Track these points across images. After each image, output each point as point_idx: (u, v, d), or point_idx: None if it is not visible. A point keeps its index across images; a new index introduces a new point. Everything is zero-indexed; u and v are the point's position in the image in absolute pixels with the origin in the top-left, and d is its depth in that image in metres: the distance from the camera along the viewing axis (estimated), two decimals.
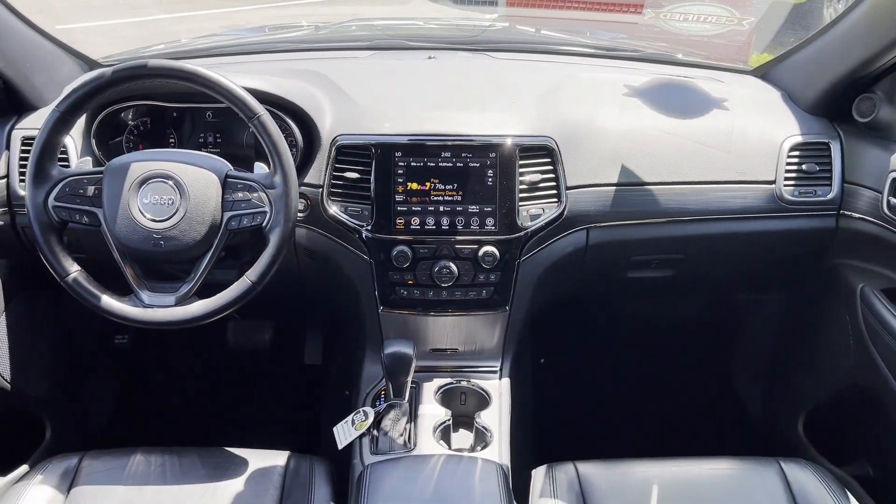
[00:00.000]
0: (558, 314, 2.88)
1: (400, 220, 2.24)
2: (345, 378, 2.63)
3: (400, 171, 2.22)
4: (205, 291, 1.90)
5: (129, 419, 3.06)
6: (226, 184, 2.12)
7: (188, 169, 1.90)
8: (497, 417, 2.19)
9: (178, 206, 1.89)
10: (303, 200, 2.26)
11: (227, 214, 2.06)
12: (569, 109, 2.28)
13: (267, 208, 2.03)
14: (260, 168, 2.27)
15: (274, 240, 2.04)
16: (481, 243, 2.25)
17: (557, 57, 2.69)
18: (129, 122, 2.26)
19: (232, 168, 2.21)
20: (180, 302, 1.89)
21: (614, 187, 2.24)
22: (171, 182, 1.89)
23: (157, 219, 1.88)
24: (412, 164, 2.21)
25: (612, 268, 2.45)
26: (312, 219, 2.28)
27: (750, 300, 2.88)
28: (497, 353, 2.43)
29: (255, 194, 2.16)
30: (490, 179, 2.22)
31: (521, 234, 2.28)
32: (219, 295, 1.91)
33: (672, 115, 2.26)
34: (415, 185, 2.23)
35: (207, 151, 2.06)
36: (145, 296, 1.88)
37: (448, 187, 2.23)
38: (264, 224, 2.13)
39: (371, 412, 2.33)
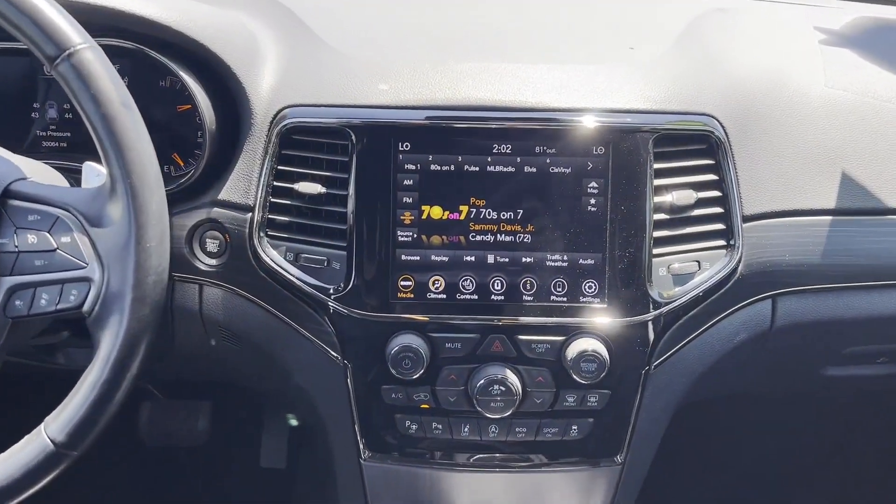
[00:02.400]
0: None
1: (406, 283, 1.23)
2: (318, 490, 1.86)
3: (407, 182, 1.21)
4: None
5: None
6: (6, 212, 0.91)
7: None
8: None
9: None
10: (216, 238, 1.25)
11: (6, 284, 0.97)
12: (737, 65, 1.33)
13: (87, 270, 0.99)
14: (92, 174, 1.02)
15: (104, 347, 0.99)
16: (573, 333, 1.23)
17: None
18: None
19: (26, 175, 0.97)
20: None
21: (829, 217, 1.30)
22: None
23: None
24: (432, 166, 1.21)
25: (803, 362, 1.52)
26: (233, 270, 1.28)
27: None
28: None
29: (63, 238, 0.91)
30: (593, 201, 1.22)
31: (657, 314, 1.24)
32: None
33: None
34: (437, 211, 1.22)
35: (47, 139, 1.29)
36: None
37: (505, 216, 1.22)
38: (85, 308, 0.98)
39: None
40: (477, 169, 1.19)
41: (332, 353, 1.25)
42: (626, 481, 1.34)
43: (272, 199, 1.24)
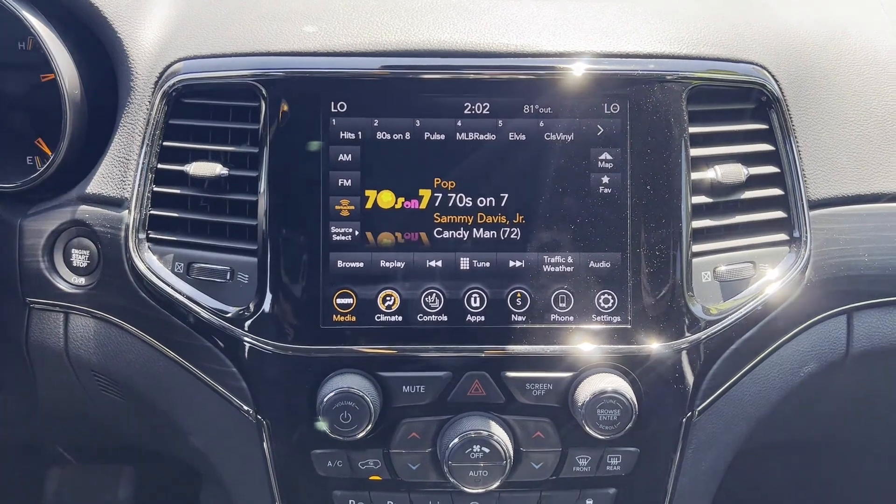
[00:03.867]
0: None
1: (345, 301, 0.87)
2: None
3: (344, 158, 0.88)
4: None
5: None
6: None
7: None
8: None
9: None
10: (84, 248, 0.92)
11: None
12: (788, 11, 1.03)
13: None
14: None
15: None
16: (584, 367, 0.88)
17: None
18: None
19: None
20: None
21: None
22: None
23: None
24: (379, 134, 0.88)
25: (878, 402, 1.16)
26: (106, 292, 0.94)
27: None
28: None
29: None
30: (607, 179, 0.87)
31: (702, 337, 0.88)
32: None
33: None
34: (388, 198, 0.87)
35: None
36: None
37: (483, 203, 0.88)
38: None
39: None
40: (442, 137, 0.86)
41: (241, 404, 0.88)
42: None
43: (155, 189, 0.90)
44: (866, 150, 0.98)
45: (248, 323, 0.86)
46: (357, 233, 0.86)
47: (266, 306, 0.85)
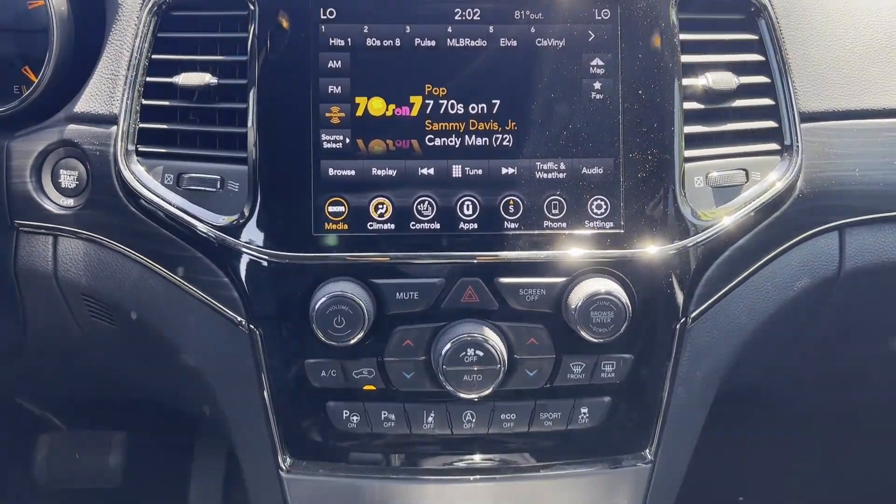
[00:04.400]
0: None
1: (337, 209, 0.87)
2: None
3: (334, 65, 0.87)
4: None
5: None
6: None
7: None
8: None
9: None
10: (73, 168, 0.93)
11: None
12: None
13: None
14: None
15: None
16: (578, 272, 0.88)
17: None
18: None
19: None
20: None
21: None
22: None
23: None
24: (369, 41, 0.87)
25: (872, 327, 1.16)
26: (96, 211, 0.93)
27: None
28: None
29: None
30: (599, 84, 0.88)
31: (695, 241, 0.89)
32: None
33: None
34: (378, 105, 0.87)
35: None
36: None
37: (475, 110, 0.87)
38: None
39: None
40: (433, 44, 0.86)
41: (234, 315, 0.87)
42: (658, 487, 0.95)
43: (144, 102, 0.89)
44: (856, 68, 0.99)
45: (239, 231, 0.85)
46: (348, 140, 0.85)
47: (257, 214, 0.85)
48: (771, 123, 0.92)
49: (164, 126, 0.88)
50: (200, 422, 1.99)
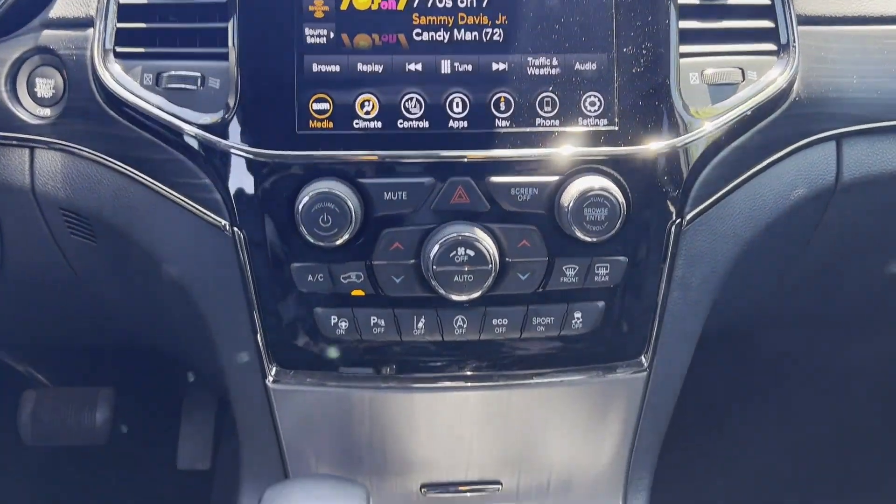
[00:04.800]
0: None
1: (321, 106, 0.83)
2: None
3: None
4: None
5: None
6: None
7: None
8: None
9: None
10: (49, 77, 0.89)
11: None
12: None
13: None
14: None
15: None
16: (571, 170, 0.84)
17: None
18: None
19: None
20: None
21: None
22: None
23: None
24: None
25: (867, 249, 1.14)
26: (73, 120, 0.89)
27: None
28: (614, 489, 1.00)
29: None
30: None
31: (690, 138, 0.86)
32: None
33: None
34: None
35: None
36: None
37: (464, 2, 0.83)
38: None
39: None
40: None
41: (216, 218, 0.85)
42: (654, 395, 0.93)
43: (121, 1, 0.85)
44: None
45: (220, 130, 0.82)
46: (332, 34, 0.82)
47: (240, 112, 0.82)
48: (768, 23, 0.90)
49: (143, 25, 0.85)
50: (187, 373, 1.97)
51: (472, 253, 0.82)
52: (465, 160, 0.83)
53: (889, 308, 1.43)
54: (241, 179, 0.83)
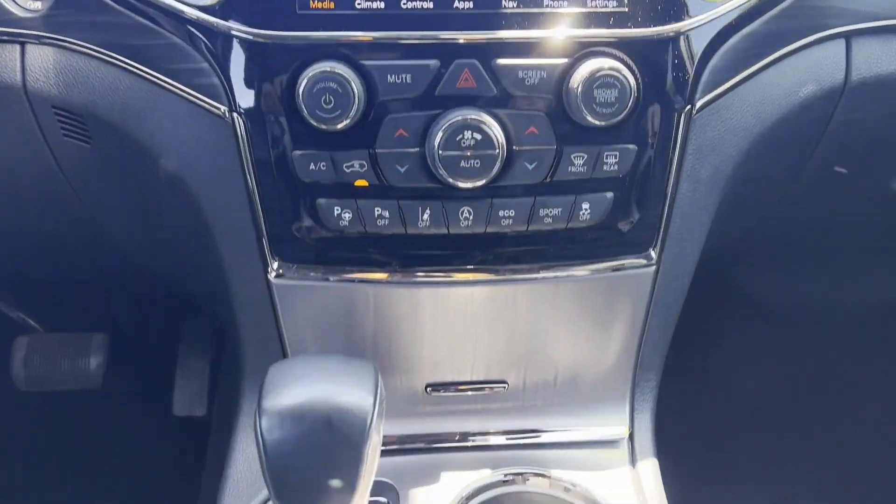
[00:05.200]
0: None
1: None
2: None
3: None
4: None
5: None
6: None
7: None
8: None
9: None
10: None
11: None
12: None
13: None
14: None
15: None
16: (580, 51, 0.81)
17: None
18: None
19: None
20: None
21: None
22: None
23: None
24: None
25: (873, 161, 1.12)
26: (67, 10, 0.85)
27: None
28: (621, 388, 0.98)
29: None
30: None
31: (700, 21, 0.83)
32: None
33: None
34: None
35: None
36: None
37: None
38: None
39: None
40: None
41: (216, 105, 0.82)
42: (662, 291, 0.92)
43: None
44: None
45: (220, 10, 0.79)
46: None
47: None
48: None
49: None
50: (182, 318, 1.94)
51: (478, 137, 0.79)
52: (471, 42, 0.80)
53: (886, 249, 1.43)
54: (240, 62, 0.80)
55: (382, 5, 0.80)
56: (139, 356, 1.98)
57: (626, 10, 0.81)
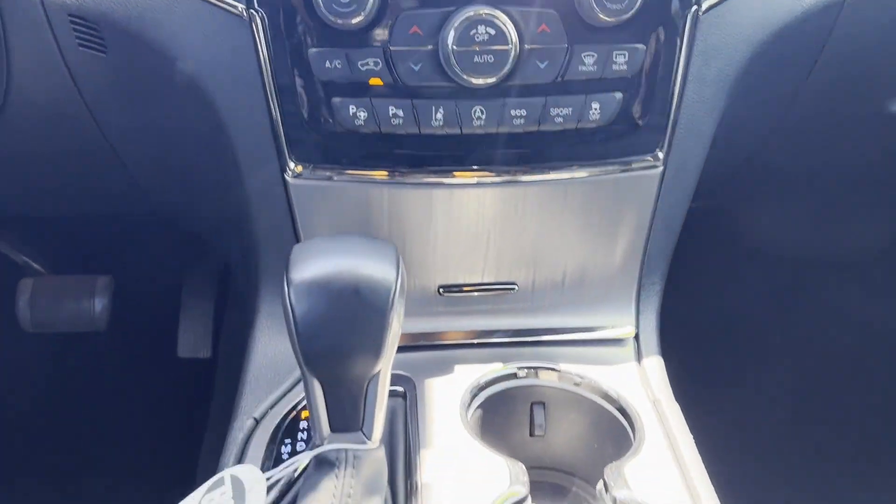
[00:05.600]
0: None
1: None
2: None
3: None
4: None
5: None
6: None
7: None
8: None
9: None
10: None
11: None
12: None
13: None
14: None
15: None
16: None
17: None
18: None
19: None
20: None
21: None
22: None
23: None
24: None
25: (869, 80, 1.13)
26: None
27: None
28: (627, 290, 1.02)
29: None
30: None
31: None
32: None
33: None
34: None
35: None
36: None
37: None
38: None
39: (274, 478, 0.75)
40: None
41: (231, 1, 0.83)
42: (668, 193, 0.95)
43: None
44: None
45: None
46: None
47: None
48: None
49: None
50: (188, 253, 1.94)
51: (492, 31, 0.81)
52: None
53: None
54: None
55: None
56: (144, 298, 1.99)
57: None
